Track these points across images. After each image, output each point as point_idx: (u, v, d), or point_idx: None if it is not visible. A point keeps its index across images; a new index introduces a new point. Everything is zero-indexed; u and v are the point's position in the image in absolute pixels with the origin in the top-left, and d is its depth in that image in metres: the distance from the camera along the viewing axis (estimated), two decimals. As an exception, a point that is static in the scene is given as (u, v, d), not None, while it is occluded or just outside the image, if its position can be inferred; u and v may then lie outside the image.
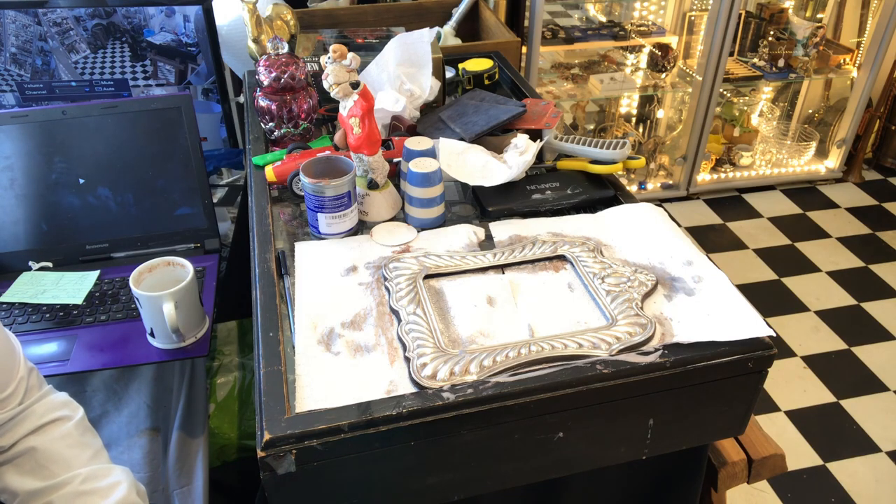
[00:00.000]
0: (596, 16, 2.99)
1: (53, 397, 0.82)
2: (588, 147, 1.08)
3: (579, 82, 2.63)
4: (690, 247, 0.90)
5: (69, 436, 0.79)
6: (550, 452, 0.77)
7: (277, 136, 1.17)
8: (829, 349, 2.10)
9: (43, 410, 0.80)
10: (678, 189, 2.79)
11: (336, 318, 0.81)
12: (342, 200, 0.94)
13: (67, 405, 0.82)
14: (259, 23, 1.24)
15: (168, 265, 1.02)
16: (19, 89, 1.44)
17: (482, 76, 1.37)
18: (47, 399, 0.81)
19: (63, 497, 0.74)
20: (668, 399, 0.77)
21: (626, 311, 0.80)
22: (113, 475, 0.79)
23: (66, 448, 0.78)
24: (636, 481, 0.95)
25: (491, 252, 0.91)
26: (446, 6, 1.99)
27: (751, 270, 2.44)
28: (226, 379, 1.14)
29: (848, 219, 2.71)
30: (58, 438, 0.78)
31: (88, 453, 0.79)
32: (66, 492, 0.75)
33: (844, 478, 1.72)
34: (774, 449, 0.96)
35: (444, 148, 1.04)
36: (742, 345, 0.75)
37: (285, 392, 0.70)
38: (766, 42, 2.72)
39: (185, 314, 1.00)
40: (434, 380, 0.71)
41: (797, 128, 2.98)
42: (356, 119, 0.95)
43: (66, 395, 0.84)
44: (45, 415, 0.79)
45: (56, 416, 0.80)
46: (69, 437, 0.79)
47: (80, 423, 0.82)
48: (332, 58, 0.92)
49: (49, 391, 0.82)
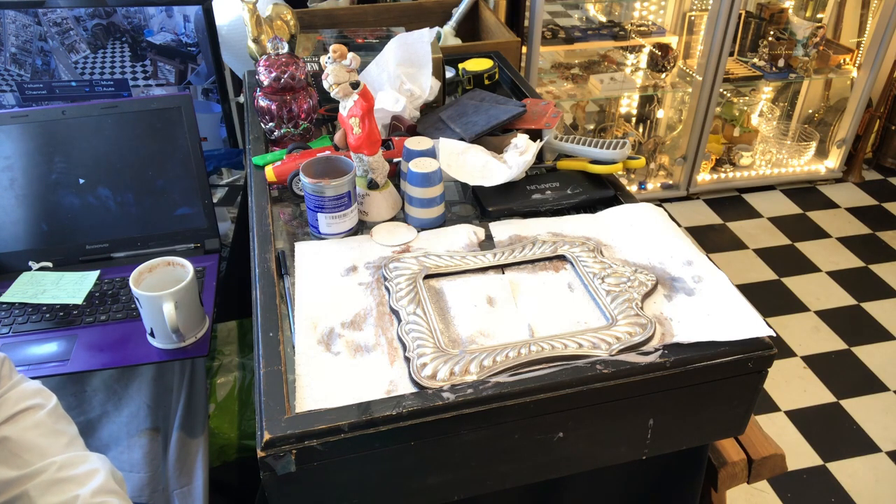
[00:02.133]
0: (596, 16, 2.99)
1: (25, 386, 0.80)
2: (588, 147, 1.08)
3: (579, 82, 2.63)
4: (690, 247, 0.90)
5: (42, 424, 0.78)
6: (550, 452, 0.77)
7: (277, 136, 1.17)
8: (829, 349, 2.10)
9: (15, 399, 0.78)
10: (678, 189, 2.79)
11: (336, 318, 0.81)
12: (342, 200, 0.94)
13: (40, 393, 0.81)
14: (259, 23, 1.24)
15: (168, 265, 1.02)
16: (19, 89, 1.44)
17: (482, 76, 1.37)
18: (19, 388, 0.79)
19: (38, 486, 0.73)
20: (668, 399, 0.77)
21: (626, 311, 0.80)
22: (89, 462, 0.77)
23: (40, 437, 0.77)
24: (636, 481, 0.95)
25: (491, 252, 0.91)
26: (446, 6, 1.99)
27: (751, 270, 2.44)
28: (226, 379, 1.15)
29: (848, 219, 2.71)
30: (31, 427, 0.77)
31: (63, 441, 0.78)
32: (41, 480, 0.73)
33: (844, 478, 1.72)
34: (774, 449, 0.96)
35: (444, 148, 1.04)
36: (742, 345, 0.75)
37: (285, 392, 0.70)
38: (766, 42, 2.73)
39: (185, 314, 1.00)
40: (434, 380, 0.71)
41: (797, 128, 2.98)
42: (356, 119, 0.95)
43: (39, 384, 0.82)
44: (17, 403, 0.78)
45: (28, 405, 0.78)
46: (43, 426, 0.78)
47: (54, 412, 0.80)
48: (332, 58, 0.92)
49: (21, 380, 0.81)
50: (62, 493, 0.73)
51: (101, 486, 0.75)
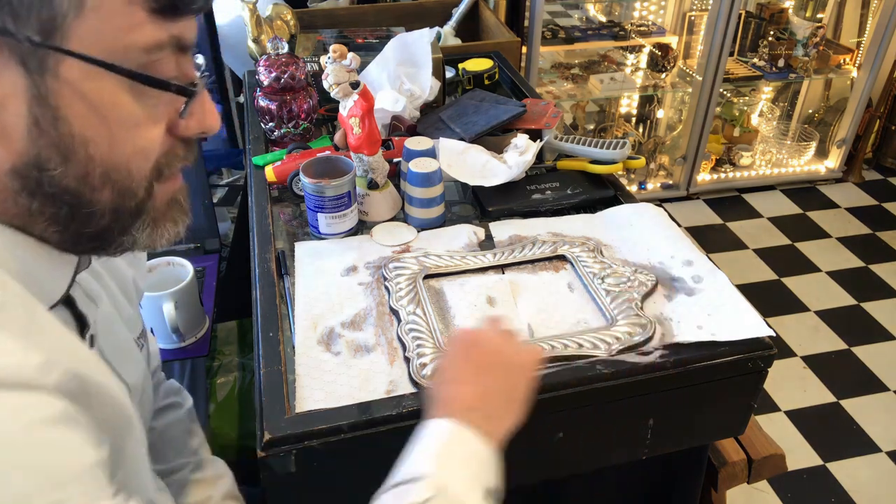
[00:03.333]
0: (596, 16, 2.99)
1: (168, 383, 0.84)
2: (588, 147, 1.08)
3: (579, 82, 2.63)
4: (690, 247, 0.90)
5: (181, 422, 0.82)
6: (550, 452, 0.76)
7: (277, 136, 1.17)
8: (829, 349, 2.10)
9: (164, 393, 0.82)
10: (678, 189, 2.79)
11: (336, 318, 0.81)
12: (342, 200, 0.94)
13: (180, 392, 0.85)
14: (259, 23, 1.24)
15: (168, 265, 1.03)
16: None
17: (482, 76, 1.37)
18: (166, 384, 0.83)
19: (175, 483, 0.76)
20: (668, 399, 0.77)
21: (626, 311, 0.80)
22: (216, 466, 0.81)
23: (179, 434, 0.80)
24: (636, 481, 0.95)
25: (491, 252, 0.91)
26: (446, 6, 1.99)
27: (751, 270, 2.43)
28: (226, 379, 1.14)
29: (848, 219, 2.71)
30: (173, 423, 0.80)
31: (196, 441, 0.82)
32: (178, 477, 0.77)
33: (844, 478, 1.72)
34: (774, 449, 0.96)
35: (444, 148, 1.04)
36: (742, 345, 0.75)
37: (285, 392, 0.70)
38: (766, 42, 2.72)
39: (185, 314, 1.00)
40: (434, 380, 0.71)
41: (797, 128, 2.98)
42: (356, 119, 0.95)
43: (177, 383, 0.86)
44: (165, 397, 0.82)
45: (172, 401, 0.82)
46: (181, 424, 0.81)
47: (190, 411, 0.84)
48: (332, 58, 0.92)
49: (164, 377, 0.84)
50: (197, 494, 0.77)
51: (229, 492, 0.79)
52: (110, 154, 0.46)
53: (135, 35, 0.44)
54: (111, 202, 0.48)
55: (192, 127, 0.51)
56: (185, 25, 0.47)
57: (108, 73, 0.44)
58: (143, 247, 0.52)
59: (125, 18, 0.43)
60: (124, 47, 0.44)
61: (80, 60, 0.43)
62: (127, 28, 0.44)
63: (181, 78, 0.49)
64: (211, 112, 0.52)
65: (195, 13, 0.48)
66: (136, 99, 0.46)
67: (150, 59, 0.46)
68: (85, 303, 0.56)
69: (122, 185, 0.48)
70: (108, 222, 0.49)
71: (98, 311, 0.58)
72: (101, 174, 0.46)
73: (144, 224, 0.51)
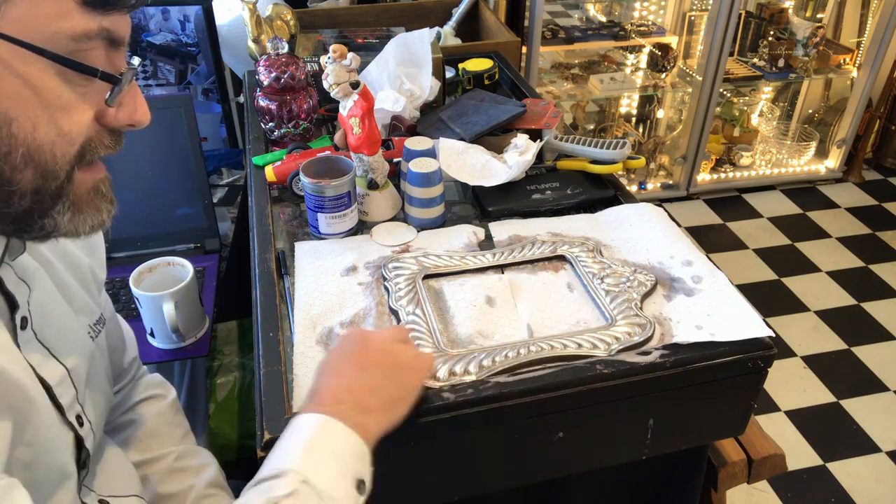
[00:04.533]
0: (596, 16, 2.99)
1: (150, 377, 0.86)
2: (588, 147, 1.08)
3: (579, 82, 2.63)
4: (690, 247, 0.90)
5: (164, 413, 0.83)
6: (550, 452, 0.76)
7: (277, 136, 1.17)
8: (829, 349, 2.10)
9: (144, 386, 0.84)
10: (678, 189, 2.79)
11: (336, 317, 0.81)
12: (342, 200, 0.94)
13: (163, 385, 0.87)
14: (259, 23, 1.24)
15: (168, 265, 1.03)
16: (19, 89, 1.44)
17: (482, 76, 1.37)
18: (146, 377, 0.86)
19: (158, 473, 0.77)
20: (668, 399, 0.77)
21: (626, 311, 0.80)
22: (201, 456, 0.82)
23: (162, 425, 0.82)
24: (636, 481, 0.95)
25: (490, 252, 0.91)
26: (446, 6, 1.99)
27: (751, 270, 2.43)
28: (226, 379, 1.14)
29: (848, 219, 2.71)
30: (155, 415, 0.82)
31: (180, 432, 0.83)
32: (160, 467, 0.78)
33: (844, 478, 1.72)
34: (774, 449, 0.96)
35: (444, 148, 1.04)
36: (742, 345, 0.75)
37: (285, 392, 0.70)
38: (766, 42, 2.72)
39: (185, 314, 1.00)
40: (434, 380, 0.71)
41: (797, 128, 2.98)
42: (356, 119, 0.95)
43: (161, 377, 0.88)
44: (145, 390, 0.83)
45: (153, 394, 0.84)
46: (164, 415, 0.83)
47: (174, 403, 0.85)
48: (332, 58, 0.92)
49: (146, 371, 0.87)
50: (180, 483, 0.78)
51: (213, 480, 0.80)
52: (34, 135, 0.48)
53: (63, 22, 0.46)
54: (32, 183, 0.49)
55: (122, 118, 0.54)
56: (116, 20, 0.49)
57: (36, 56, 0.46)
58: (66, 232, 0.54)
59: (54, 6, 0.46)
60: (53, 33, 0.46)
61: (8, 42, 0.45)
62: (55, 15, 0.46)
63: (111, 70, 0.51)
64: (142, 105, 0.54)
65: (126, 9, 0.50)
66: (65, 84, 0.48)
67: (79, 48, 0.48)
68: (15, 284, 0.57)
69: (45, 166, 0.49)
70: (29, 203, 0.50)
71: (32, 294, 0.59)
72: (23, 153, 0.48)
73: (65, 208, 0.52)
